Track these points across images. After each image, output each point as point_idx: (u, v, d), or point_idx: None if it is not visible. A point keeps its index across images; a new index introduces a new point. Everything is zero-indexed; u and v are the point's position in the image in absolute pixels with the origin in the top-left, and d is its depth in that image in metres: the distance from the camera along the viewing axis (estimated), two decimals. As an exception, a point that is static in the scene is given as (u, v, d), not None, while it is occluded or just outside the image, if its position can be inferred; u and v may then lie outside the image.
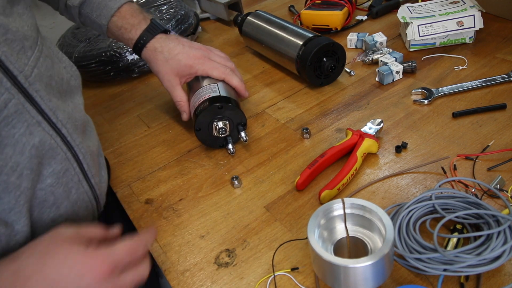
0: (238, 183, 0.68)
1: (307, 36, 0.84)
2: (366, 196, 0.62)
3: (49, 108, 0.52)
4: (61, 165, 0.54)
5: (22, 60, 0.50)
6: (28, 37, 0.52)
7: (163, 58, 0.75)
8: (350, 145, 0.68)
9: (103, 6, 0.76)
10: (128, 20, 0.76)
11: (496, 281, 0.48)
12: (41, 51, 0.54)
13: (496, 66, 0.82)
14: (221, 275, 0.56)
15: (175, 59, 0.75)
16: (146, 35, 0.75)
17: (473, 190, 0.58)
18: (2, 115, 0.46)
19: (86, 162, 0.58)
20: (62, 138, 0.54)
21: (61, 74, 0.59)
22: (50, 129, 0.52)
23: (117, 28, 0.76)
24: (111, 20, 0.76)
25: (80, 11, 0.77)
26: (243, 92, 0.79)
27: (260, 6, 1.28)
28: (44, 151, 0.51)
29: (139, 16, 0.77)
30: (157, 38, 0.76)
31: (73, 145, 0.55)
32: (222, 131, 0.72)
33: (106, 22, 0.76)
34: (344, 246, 0.51)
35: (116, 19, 0.76)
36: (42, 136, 0.51)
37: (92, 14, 0.76)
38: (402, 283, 0.50)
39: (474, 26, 0.87)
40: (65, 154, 0.54)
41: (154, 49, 0.75)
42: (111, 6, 0.76)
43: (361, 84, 0.85)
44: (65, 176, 0.54)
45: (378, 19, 1.08)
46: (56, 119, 0.53)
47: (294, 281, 0.53)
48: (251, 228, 0.61)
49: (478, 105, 0.73)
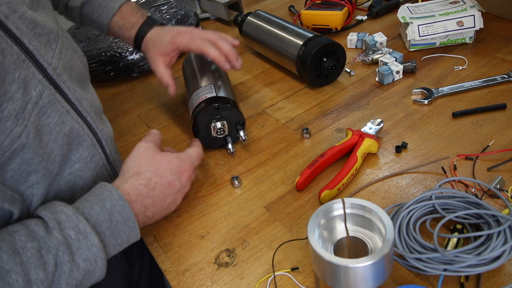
0: (238, 183, 0.68)
1: (307, 36, 0.84)
2: (366, 196, 0.62)
3: (75, 97, 0.55)
4: (88, 150, 0.57)
5: (49, 53, 0.52)
6: (52, 30, 0.55)
7: (152, 44, 0.76)
8: (350, 145, 0.68)
9: (104, 6, 0.77)
10: (129, 19, 0.78)
11: (496, 281, 0.48)
12: (63, 43, 0.57)
13: (496, 66, 0.82)
14: (221, 275, 0.56)
15: (161, 40, 0.76)
16: (143, 30, 0.77)
17: (473, 190, 0.58)
18: (39, 106, 0.49)
19: (108, 147, 0.61)
20: (88, 125, 0.57)
21: (78, 64, 0.62)
22: (78, 118, 0.56)
23: (118, 28, 0.79)
24: (112, 20, 0.78)
25: (81, 11, 0.79)
26: (221, 65, 0.74)
27: (260, 6, 1.28)
28: (72, 138, 0.55)
29: (137, 14, 0.78)
30: (152, 30, 0.77)
31: (97, 132, 0.59)
32: (220, 131, 0.72)
33: (107, 22, 0.78)
34: (344, 246, 0.51)
35: (118, 19, 0.78)
36: (72, 124, 0.54)
37: (93, 14, 0.78)
38: (402, 283, 0.50)
39: (474, 26, 0.87)
40: (91, 141, 0.58)
41: (149, 39, 0.77)
42: (112, 6, 0.77)
43: (361, 84, 0.85)
44: (92, 161, 0.58)
45: (378, 19, 1.08)
46: (81, 108, 0.56)
47: (294, 281, 0.53)
48: (251, 228, 0.61)
49: (478, 105, 0.73)
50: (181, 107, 0.90)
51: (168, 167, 0.59)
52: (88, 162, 0.57)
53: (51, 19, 0.57)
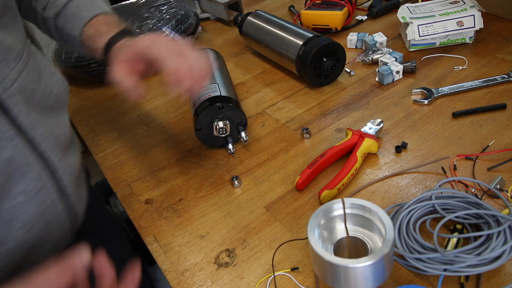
0: (238, 183, 0.68)
1: (307, 36, 0.84)
2: (366, 196, 0.62)
3: (28, 122, 0.50)
4: (33, 183, 0.51)
5: (3, 71, 0.48)
6: (13, 49, 0.51)
7: (121, 47, 0.62)
8: (350, 145, 0.68)
9: (77, 16, 0.67)
10: (99, 28, 0.66)
11: (496, 281, 0.48)
12: (26, 63, 0.53)
13: (496, 66, 0.82)
14: (221, 275, 0.56)
15: (123, 46, 0.62)
16: (113, 40, 0.64)
17: (473, 190, 0.58)
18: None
19: (67, 178, 0.55)
20: (38, 154, 0.52)
21: (49, 87, 0.57)
22: (25, 145, 0.50)
23: (88, 38, 0.67)
24: (83, 30, 0.67)
25: (55, 24, 0.69)
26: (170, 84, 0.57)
27: (260, 6, 1.28)
28: (14, 168, 0.49)
29: (111, 24, 0.67)
30: (122, 41, 0.63)
31: (53, 162, 0.53)
32: (222, 131, 0.72)
33: (78, 33, 0.67)
34: (344, 246, 0.51)
35: (88, 29, 0.67)
36: (13, 152, 0.48)
37: (66, 26, 0.68)
38: (402, 283, 0.50)
39: (474, 26, 0.87)
40: (37, 172, 0.51)
41: (114, 50, 0.63)
42: (84, 15, 0.67)
43: (361, 84, 0.85)
44: (38, 195, 0.52)
45: (378, 19, 1.08)
46: (34, 134, 0.51)
47: (294, 281, 0.53)
48: (251, 228, 0.61)
49: (478, 105, 0.73)
50: (181, 107, 0.90)
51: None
52: (33, 196, 0.51)
53: (14, 39, 0.52)
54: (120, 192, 0.72)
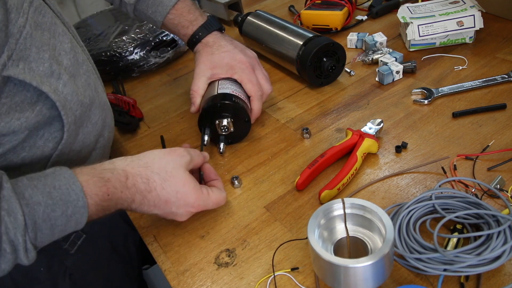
0: (238, 183, 0.68)
1: (307, 36, 0.84)
2: (366, 196, 0.62)
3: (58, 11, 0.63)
4: (99, 110, 0.65)
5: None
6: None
7: (210, 51, 0.77)
8: (350, 145, 0.68)
9: (158, 3, 0.77)
10: (186, 17, 0.78)
11: (496, 281, 0.48)
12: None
13: (496, 66, 0.82)
14: (221, 275, 0.56)
15: (220, 55, 0.76)
16: (202, 30, 0.77)
17: (473, 190, 0.58)
18: (34, 5, 0.52)
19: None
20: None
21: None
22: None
23: (173, 25, 0.79)
24: (167, 17, 0.78)
25: (135, 7, 0.80)
26: (253, 118, 0.76)
27: (260, 6, 1.28)
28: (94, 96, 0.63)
29: (195, 12, 0.78)
30: (212, 34, 0.78)
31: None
32: (225, 128, 0.72)
33: (161, 19, 0.78)
34: (344, 246, 0.51)
35: (172, 17, 0.78)
36: (96, 82, 0.65)
37: (147, 11, 0.79)
38: (402, 283, 0.50)
39: (474, 26, 0.87)
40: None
41: (207, 43, 0.77)
42: (166, 3, 0.77)
43: (361, 84, 0.85)
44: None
45: (378, 19, 1.08)
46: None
47: (294, 281, 0.53)
48: (251, 228, 0.61)
49: (478, 105, 0.73)
50: (181, 107, 0.89)
51: (179, 188, 0.55)
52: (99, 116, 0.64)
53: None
54: (120, 192, 0.72)
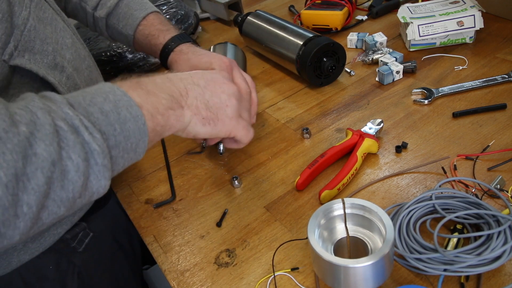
0: (238, 183, 0.68)
1: (307, 36, 0.84)
2: (366, 196, 0.62)
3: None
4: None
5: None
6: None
7: (186, 59, 0.71)
8: (350, 145, 0.68)
9: (129, 16, 0.74)
10: (156, 27, 0.74)
11: (496, 281, 0.48)
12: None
13: (496, 66, 0.82)
14: (221, 275, 0.56)
15: (197, 57, 0.70)
16: (174, 40, 0.72)
17: (473, 190, 0.58)
18: (35, 1, 0.53)
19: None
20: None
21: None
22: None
23: (144, 37, 0.74)
24: (137, 30, 0.74)
25: (107, 22, 0.76)
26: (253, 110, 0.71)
27: (260, 6, 1.28)
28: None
29: (168, 24, 0.75)
30: (185, 44, 0.72)
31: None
32: None
33: (132, 32, 0.74)
34: (344, 246, 0.51)
35: (143, 28, 0.74)
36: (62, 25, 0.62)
37: (118, 25, 0.75)
38: (402, 283, 0.50)
39: (474, 26, 0.86)
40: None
41: (180, 51, 0.72)
42: (137, 15, 0.74)
43: (361, 84, 0.85)
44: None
45: (378, 19, 1.08)
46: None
47: (294, 281, 0.53)
48: (251, 228, 0.61)
49: (478, 105, 0.73)
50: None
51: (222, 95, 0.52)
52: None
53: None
54: (120, 192, 0.72)
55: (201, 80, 0.51)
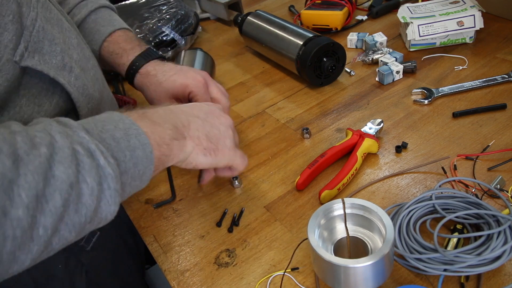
0: (238, 183, 0.68)
1: (307, 36, 0.84)
2: (366, 196, 0.62)
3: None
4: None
5: None
6: None
7: (157, 82, 0.66)
8: (350, 145, 0.67)
9: (95, 31, 0.71)
10: (120, 45, 0.70)
11: (496, 281, 0.48)
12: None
13: (496, 66, 0.82)
14: (221, 275, 0.56)
15: (169, 80, 0.66)
16: (139, 60, 0.68)
17: (473, 190, 0.58)
18: (41, 1, 0.53)
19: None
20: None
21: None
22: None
23: (108, 54, 0.71)
24: (103, 46, 0.70)
25: None
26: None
27: (260, 6, 1.28)
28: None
29: (133, 42, 0.71)
30: (151, 62, 0.68)
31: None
32: None
33: (97, 48, 0.70)
34: (344, 246, 0.51)
35: (107, 45, 0.71)
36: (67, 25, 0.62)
37: (85, 39, 0.69)
38: (402, 283, 0.50)
39: (474, 26, 0.86)
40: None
41: (147, 73, 0.67)
42: (103, 31, 0.71)
43: (361, 84, 0.85)
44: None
45: (378, 19, 1.08)
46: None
47: (294, 281, 0.53)
48: (251, 228, 0.61)
49: (478, 105, 0.73)
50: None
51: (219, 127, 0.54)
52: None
53: None
54: (120, 192, 0.72)
55: (201, 112, 0.53)
